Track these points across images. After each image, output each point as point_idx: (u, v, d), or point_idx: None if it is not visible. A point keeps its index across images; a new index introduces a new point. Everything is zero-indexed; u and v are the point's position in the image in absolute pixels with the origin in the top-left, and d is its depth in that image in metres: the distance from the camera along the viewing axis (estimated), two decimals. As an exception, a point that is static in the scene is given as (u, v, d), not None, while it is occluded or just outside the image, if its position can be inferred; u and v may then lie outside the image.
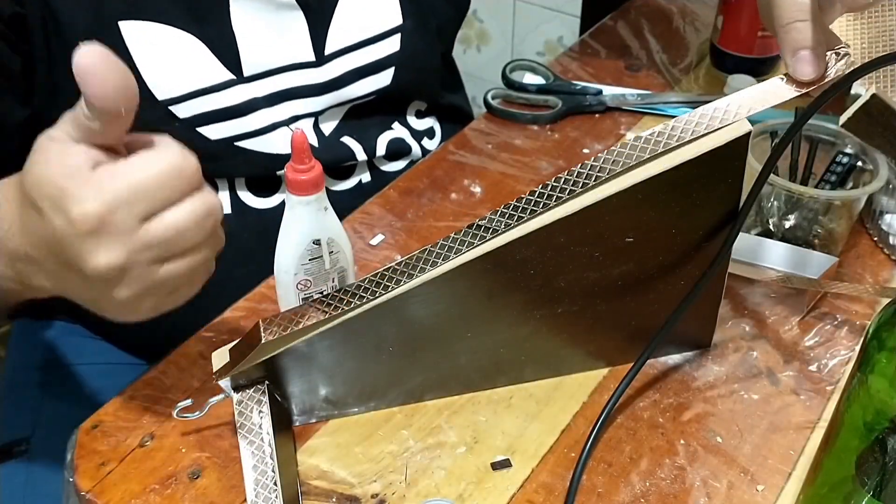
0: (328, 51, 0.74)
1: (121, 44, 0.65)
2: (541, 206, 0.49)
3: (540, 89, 0.88)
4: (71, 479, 0.54)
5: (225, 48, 0.69)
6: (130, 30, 0.65)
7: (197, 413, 0.54)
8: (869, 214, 0.72)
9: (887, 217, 0.70)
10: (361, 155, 0.79)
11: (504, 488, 0.54)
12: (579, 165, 0.49)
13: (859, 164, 0.70)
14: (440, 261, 0.50)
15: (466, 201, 0.76)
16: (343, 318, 0.50)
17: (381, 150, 0.81)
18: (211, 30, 0.68)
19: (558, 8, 1.68)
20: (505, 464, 0.55)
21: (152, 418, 0.57)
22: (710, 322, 0.61)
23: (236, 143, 0.72)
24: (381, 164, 0.82)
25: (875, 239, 0.72)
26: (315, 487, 0.54)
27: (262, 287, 0.67)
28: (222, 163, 0.73)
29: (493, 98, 0.87)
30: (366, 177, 0.81)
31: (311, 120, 0.77)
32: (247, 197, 0.76)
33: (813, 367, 0.61)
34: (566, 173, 0.49)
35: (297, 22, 0.72)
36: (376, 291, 0.50)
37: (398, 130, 0.83)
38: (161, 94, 0.67)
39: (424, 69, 0.82)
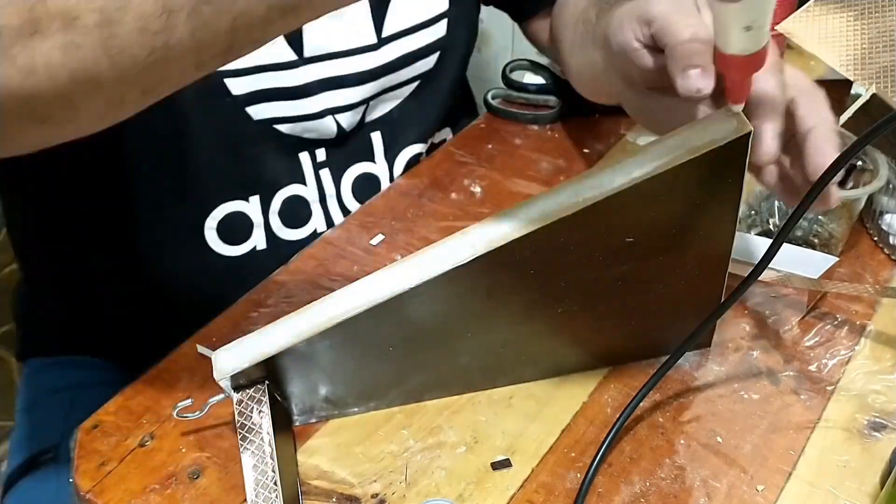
0: (385, 34, 0.74)
1: None
2: None
3: (540, 89, 0.88)
4: (71, 480, 0.54)
5: None
6: None
7: (197, 413, 0.54)
8: (869, 214, 0.72)
9: (887, 217, 0.70)
10: (381, 157, 0.80)
11: (504, 488, 0.54)
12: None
13: (859, 164, 0.70)
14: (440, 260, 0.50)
15: (466, 201, 0.76)
16: (343, 318, 0.50)
17: (398, 168, 0.82)
18: None
19: (558, 8, 1.67)
20: (505, 464, 0.55)
21: (152, 418, 0.57)
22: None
23: (275, 126, 0.72)
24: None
25: (875, 239, 0.72)
26: (315, 487, 0.54)
27: (263, 287, 0.67)
28: (250, 148, 0.72)
29: (493, 98, 0.87)
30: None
31: (362, 109, 0.77)
32: (281, 230, 0.76)
33: (813, 367, 0.61)
34: None
35: (360, 4, 0.70)
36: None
37: (417, 147, 0.83)
38: None
39: (463, 57, 0.84)
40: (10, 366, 1.42)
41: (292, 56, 0.70)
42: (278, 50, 0.69)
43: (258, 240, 0.76)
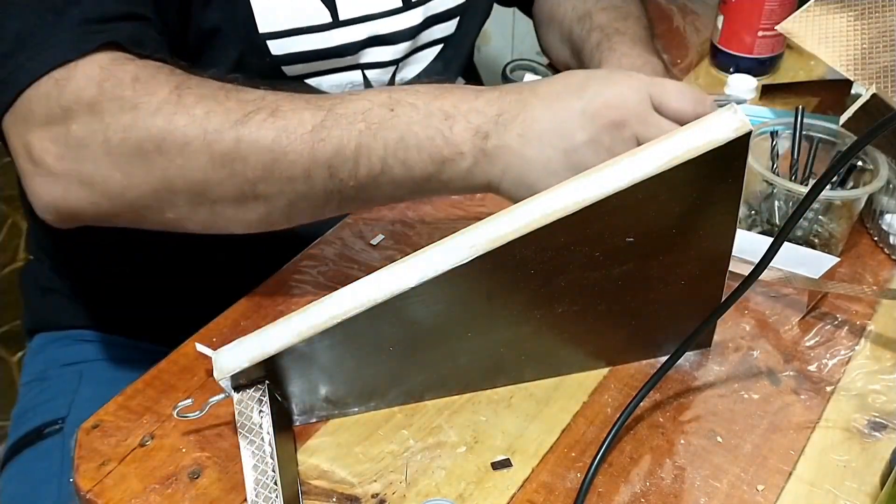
0: None
1: None
2: None
3: (540, 89, 0.88)
4: (71, 480, 0.54)
5: None
6: None
7: (197, 413, 0.54)
8: (869, 214, 0.72)
9: (887, 217, 0.70)
10: None
11: (504, 488, 0.54)
12: None
13: (859, 164, 0.70)
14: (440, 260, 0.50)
15: (466, 201, 0.75)
16: (343, 318, 0.50)
17: None
18: None
19: (558, 8, 1.67)
20: (505, 463, 0.55)
21: (152, 418, 0.57)
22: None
23: (306, 80, 0.75)
24: None
25: (875, 239, 0.72)
26: (315, 487, 0.54)
27: (263, 287, 0.67)
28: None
29: (493, 98, 0.87)
30: None
31: (391, 69, 0.79)
32: None
33: (813, 367, 0.61)
34: None
35: None
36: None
37: None
38: (264, 25, 0.70)
39: (479, 25, 0.87)
40: (10, 365, 1.43)
41: (328, 18, 0.73)
42: (315, 12, 0.72)
43: None
